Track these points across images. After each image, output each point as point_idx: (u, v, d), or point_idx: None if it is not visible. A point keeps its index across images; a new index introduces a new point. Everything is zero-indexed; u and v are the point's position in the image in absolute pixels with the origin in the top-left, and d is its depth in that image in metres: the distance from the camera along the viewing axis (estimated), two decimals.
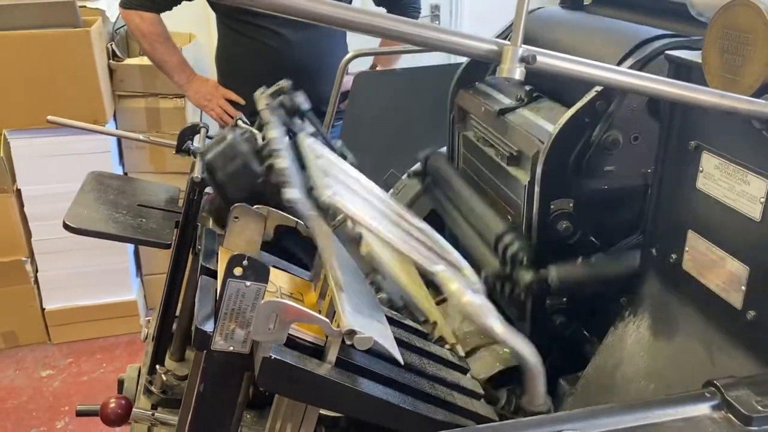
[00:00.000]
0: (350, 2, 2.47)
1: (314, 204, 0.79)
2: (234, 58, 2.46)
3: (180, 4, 2.44)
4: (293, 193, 0.70)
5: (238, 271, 0.76)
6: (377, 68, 2.38)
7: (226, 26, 2.42)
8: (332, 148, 1.08)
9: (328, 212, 0.76)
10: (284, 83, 1.12)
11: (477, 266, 1.20)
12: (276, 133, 0.90)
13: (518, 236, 1.15)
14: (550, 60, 0.57)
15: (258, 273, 0.77)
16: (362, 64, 2.43)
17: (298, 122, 1.05)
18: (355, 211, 0.71)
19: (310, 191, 0.79)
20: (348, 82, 2.50)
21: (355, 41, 2.44)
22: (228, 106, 2.46)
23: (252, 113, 2.61)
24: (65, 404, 2.65)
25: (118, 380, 1.49)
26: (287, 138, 0.93)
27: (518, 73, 0.56)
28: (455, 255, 0.90)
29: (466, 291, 0.69)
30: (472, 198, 1.33)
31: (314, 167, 0.78)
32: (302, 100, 1.07)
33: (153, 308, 3.20)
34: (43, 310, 2.98)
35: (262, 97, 1.05)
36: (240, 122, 1.45)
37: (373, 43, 2.38)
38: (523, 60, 0.56)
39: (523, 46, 0.56)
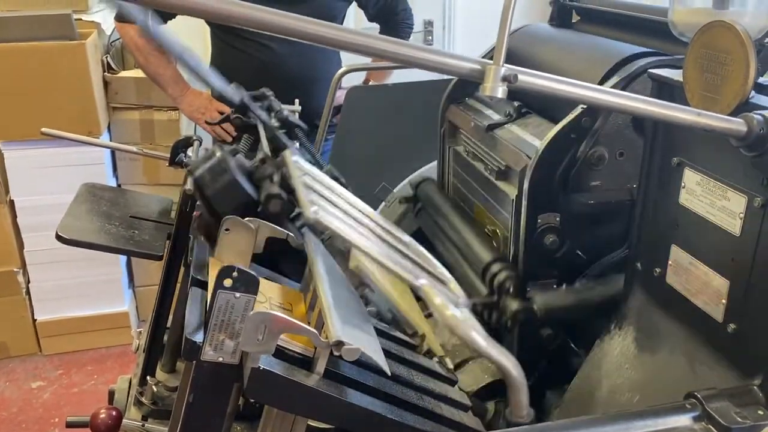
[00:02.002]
0: (343, 18, 2.48)
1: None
2: (226, 71, 2.46)
3: (175, 18, 2.46)
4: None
5: (227, 282, 0.77)
6: (370, 83, 2.40)
7: (219, 39, 2.44)
8: (320, 166, 1.09)
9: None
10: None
11: (466, 293, 1.23)
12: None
13: (505, 265, 1.18)
14: (531, 79, 0.59)
15: (248, 284, 0.78)
16: (355, 79, 2.45)
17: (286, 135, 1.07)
18: (339, 226, 0.72)
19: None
20: (340, 96, 2.52)
21: (350, 55, 2.47)
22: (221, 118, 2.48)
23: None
24: (55, 416, 2.64)
25: (109, 391, 1.49)
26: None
27: (500, 92, 0.58)
28: (440, 269, 0.92)
29: (449, 305, 0.70)
30: (462, 227, 1.37)
31: (299, 183, 0.79)
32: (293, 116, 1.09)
33: (145, 320, 3.20)
34: (34, 321, 2.97)
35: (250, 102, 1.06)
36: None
37: (366, 58, 2.40)
38: (505, 79, 0.57)
39: (505, 65, 0.58)
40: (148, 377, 1.33)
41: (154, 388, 1.30)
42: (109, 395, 1.49)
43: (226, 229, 0.94)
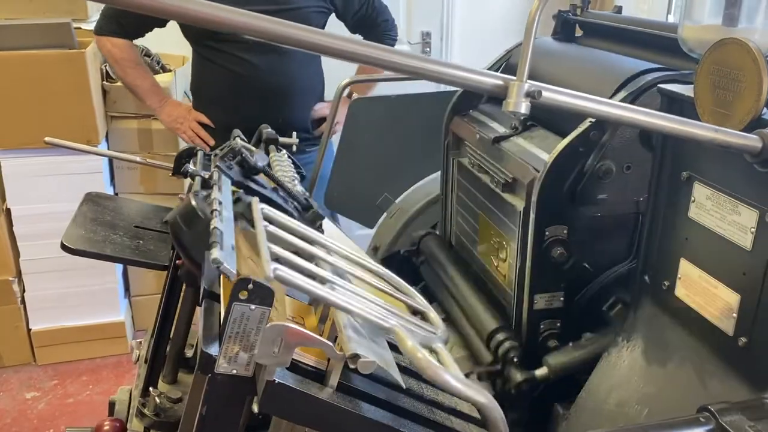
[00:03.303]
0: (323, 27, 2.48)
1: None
2: (204, 83, 2.47)
3: (151, 30, 2.47)
4: (216, 253, 0.72)
5: (243, 294, 0.77)
6: (353, 96, 2.39)
7: (197, 54, 2.43)
8: (296, 199, 1.11)
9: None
10: (235, 143, 1.15)
11: (473, 359, 1.30)
12: (216, 193, 0.92)
13: (509, 335, 1.22)
14: (554, 95, 0.60)
15: (263, 297, 0.77)
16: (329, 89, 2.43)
17: (255, 181, 1.08)
18: (302, 283, 0.74)
19: None
20: (323, 108, 2.49)
21: (334, 66, 2.48)
22: (199, 128, 2.46)
23: (223, 137, 2.59)
24: (50, 427, 2.61)
25: (110, 402, 1.48)
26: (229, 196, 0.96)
27: (524, 107, 0.58)
28: (419, 298, 0.95)
29: (419, 348, 0.72)
30: (466, 290, 1.39)
31: (261, 239, 0.81)
32: (259, 159, 1.10)
33: (141, 329, 3.18)
34: (29, 330, 2.94)
35: (214, 159, 1.09)
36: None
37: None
38: (528, 95, 0.58)
39: (529, 81, 0.59)
40: (150, 388, 1.32)
41: (157, 400, 1.29)
42: (110, 406, 1.48)
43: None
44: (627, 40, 1.39)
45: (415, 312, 0.98)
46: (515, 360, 1.19)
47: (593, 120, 1.09)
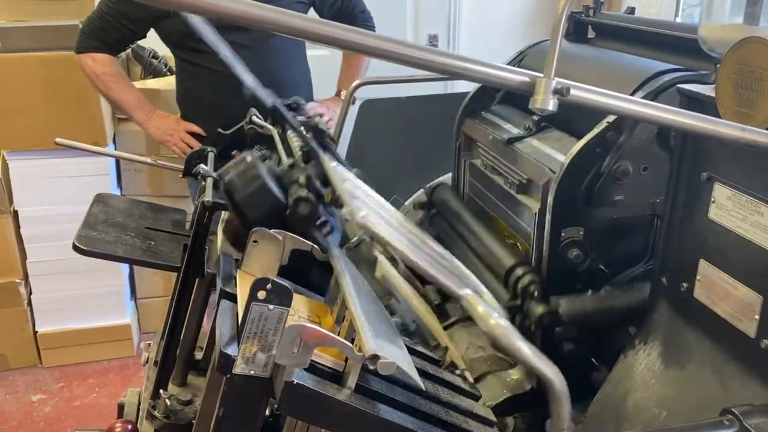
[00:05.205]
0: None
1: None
2: (191, 89, 2.43)
3: (134, 43, 2.44)
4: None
5: (261, 294, 0.76)
6: (342, 93, 2.34)
7: (180, 59, 2.38)
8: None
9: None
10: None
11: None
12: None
13: (529, 269, 1.18)
14: (582, 93, 0.59)
15: (281, 297, 0.77)
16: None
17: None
18: (384, 234, 0.72)
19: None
20: (314, 107, 2.45)
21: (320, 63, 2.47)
22: (190, 139, 2.41)
23: (214, 143, 2.58)
24: (57, 430, 2.60)
25: (119, 405, 1.47)
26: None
27: (552, 104, 0.58)
28: (474, 279, 0.92)
29: (493, 313, 0.69)
30: (481, 231, 1.35)
31: (342, 190, 0.79)
32: (320, 121, 1.09)
33: (147, 332, 3.17)
34: (35, 332, 2.94)
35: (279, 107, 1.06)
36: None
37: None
38: (556, 92, 0.57)
39: (556, 78, 0.58)
40: (161, 390, 1.31)
41: (168, 402, 1.28)
42: (119, 409, 1.47)
43: (254, 241, 0.94)
44: (641, 41, 1.38)
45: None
46: (535, 294, 1.14)
47: (610, 120, 1.08)
